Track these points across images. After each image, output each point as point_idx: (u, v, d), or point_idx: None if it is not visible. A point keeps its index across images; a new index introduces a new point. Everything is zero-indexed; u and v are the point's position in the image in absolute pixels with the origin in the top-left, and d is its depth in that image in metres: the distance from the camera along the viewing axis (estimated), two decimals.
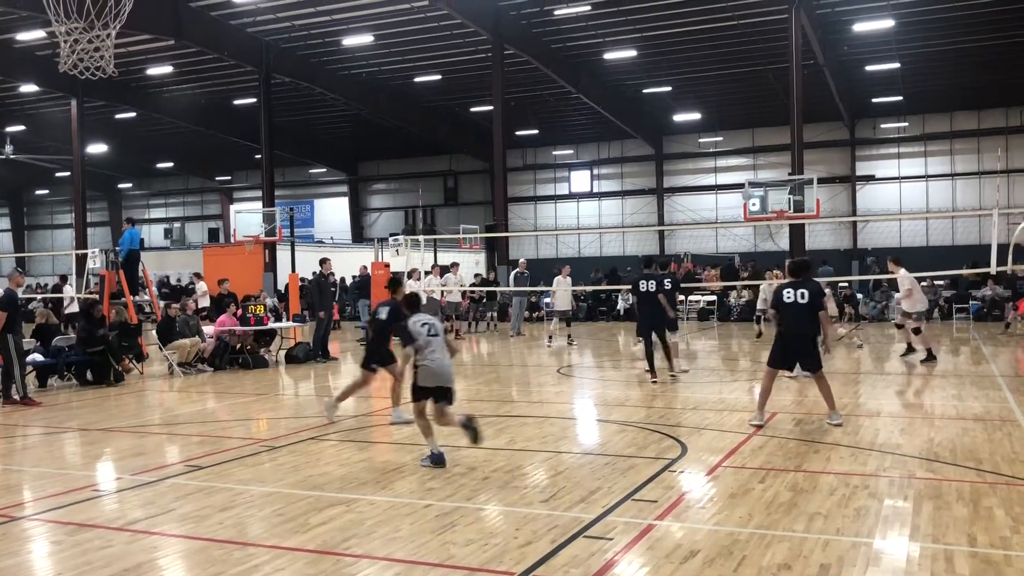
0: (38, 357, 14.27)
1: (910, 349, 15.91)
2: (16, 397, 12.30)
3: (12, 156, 37.05)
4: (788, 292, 9.41)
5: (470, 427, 7.60)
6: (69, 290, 23.70)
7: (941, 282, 28.38)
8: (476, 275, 30.82)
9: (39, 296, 32.30)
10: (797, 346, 9.38)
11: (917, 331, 15.49)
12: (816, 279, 10.33)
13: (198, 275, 24.48)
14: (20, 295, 13.41)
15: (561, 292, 21.19)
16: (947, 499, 6.45)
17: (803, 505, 6.33)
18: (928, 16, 27.56)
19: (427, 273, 22.21)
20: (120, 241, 18.57)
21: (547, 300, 25.77)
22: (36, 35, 27.68)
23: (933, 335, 17.86)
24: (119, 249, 17.98)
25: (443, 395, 7.75)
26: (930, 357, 15.29)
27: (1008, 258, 14.38)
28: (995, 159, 35.48)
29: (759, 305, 20.68)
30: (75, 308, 21.42)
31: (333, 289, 24.00)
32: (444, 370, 7.77)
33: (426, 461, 7.68)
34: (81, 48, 11.52)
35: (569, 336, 21.34)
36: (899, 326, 16.55)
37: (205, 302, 21.25)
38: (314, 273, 19.04)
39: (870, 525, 5.88)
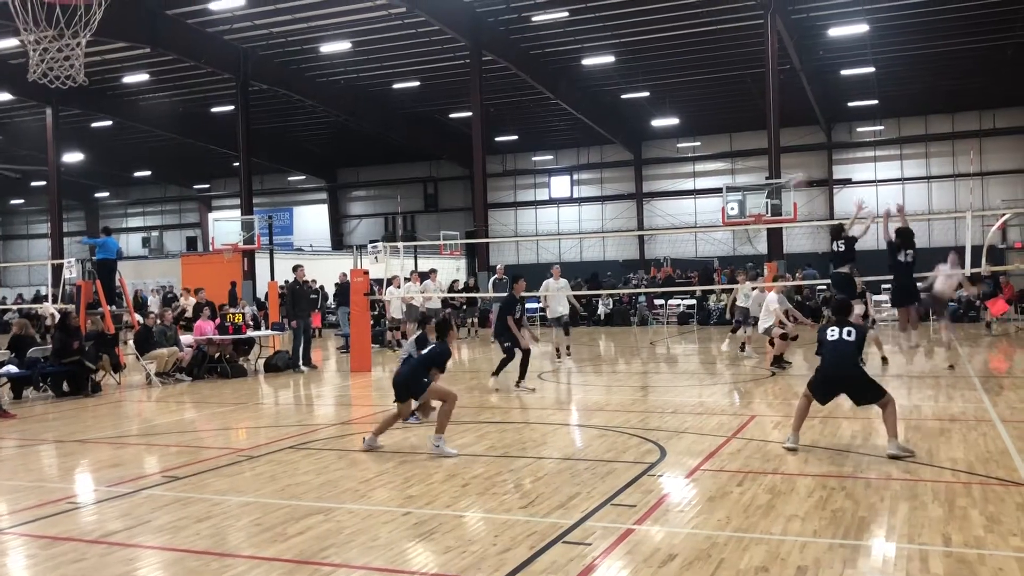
0: (12, 369, 14.10)
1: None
2: None
3: None
4: (832, 330, 8.63)
5: None
6: (48, 307, 23.42)
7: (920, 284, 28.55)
8: (454, 281, 30.75)
9: (14, 307, 31.98)
10: (843, 386, 8.50)
11: (784, 337, 15.44)
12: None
13: (187, 290, 24.42)
14: None
15: (553, 296, 18.18)
16: (923, 499, 6.51)
17: (780, 507, 6.37)
18: (902, 20, 27.86)
19: (407, 280, 22.16)
20: (94, 240, 18.50)
21: (539, 307, 23.79)
22: (9, 43, 27.41)
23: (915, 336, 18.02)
24: (85, 241, 17.86)
25: None
26: (783, 363, 15.16)
27: (982, 259, 14.53)
28: (969, 162, 35.92)
29: (739, 310, 18.17)
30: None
31: (314, 296, 23.88)
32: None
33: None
34: (51, 57, 11.43)
35: (567, 347, 18.47)
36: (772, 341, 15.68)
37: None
38: (286, 281, 18.94)
39: (847, 526, 5.92)
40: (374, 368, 17.30)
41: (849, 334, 8.49)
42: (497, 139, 40.97)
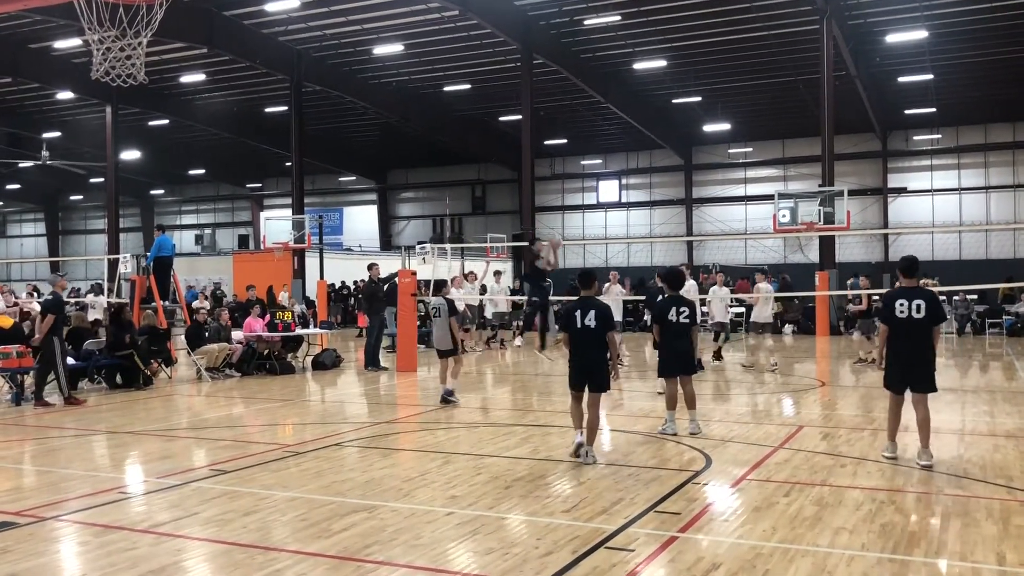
0: (69, 360, 14.42)
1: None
2: (50, 401, 12.50)
3: (48, 162, 37.67)
4: (901, 304, 7.72)
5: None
6: (100, 300, 23.87)
7: (973, 296, 28.02)
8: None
9: (73, 300, 32.73)
10: (914, 368, 7.83)
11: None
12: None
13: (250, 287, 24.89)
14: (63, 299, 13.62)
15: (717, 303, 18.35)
16: (976, 516, 6.34)
17: (828, 520, 6.26)
18: (962, 27, 27.27)
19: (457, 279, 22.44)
20: (154, 250, 18.84)
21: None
22: (72, 43, 28.15)
23: (965, 350, 17.63)
24: (148, 254, 18.24)
25: None
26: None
27: None
28: None
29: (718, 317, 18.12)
30: (98, 315, 21.59)
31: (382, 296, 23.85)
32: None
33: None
34: (113, 56, 11.70)
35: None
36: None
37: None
38: (363, 280, 18.98)
39: (896, 541, 5.80)
40: (420, 368, 17.39)
41: (919, 309, 7.66)
42: (546, 142, 40.94)
